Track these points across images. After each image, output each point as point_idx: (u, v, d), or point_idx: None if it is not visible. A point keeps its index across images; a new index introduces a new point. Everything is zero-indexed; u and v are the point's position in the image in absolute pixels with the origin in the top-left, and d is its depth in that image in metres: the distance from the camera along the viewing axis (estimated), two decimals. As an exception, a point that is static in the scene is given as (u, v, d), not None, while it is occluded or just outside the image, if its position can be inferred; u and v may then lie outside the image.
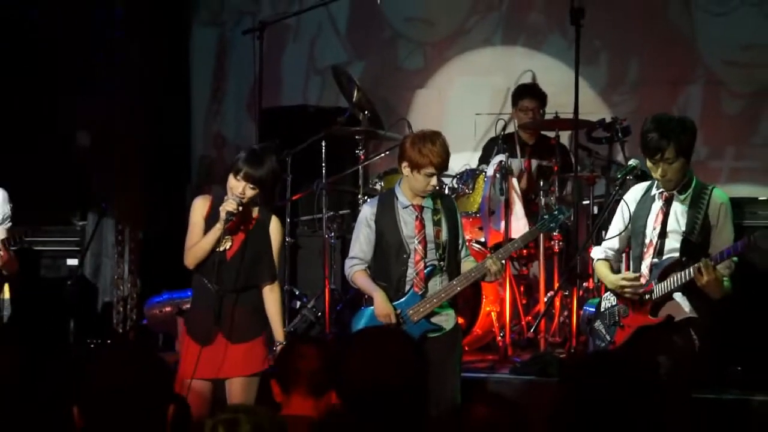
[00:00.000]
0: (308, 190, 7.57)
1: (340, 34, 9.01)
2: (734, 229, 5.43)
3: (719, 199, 5.35)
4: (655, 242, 5.37)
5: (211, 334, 5.28)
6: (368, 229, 5.58)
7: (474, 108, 8.41)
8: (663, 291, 5.28)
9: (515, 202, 7.03)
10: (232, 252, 5.34)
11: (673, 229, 5.35)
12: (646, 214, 5.43)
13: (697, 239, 5.30)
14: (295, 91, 9.00)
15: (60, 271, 7.56)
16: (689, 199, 5.35)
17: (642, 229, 5.43)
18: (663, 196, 5.37)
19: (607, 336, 5.51)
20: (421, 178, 5.41)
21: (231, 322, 5.33)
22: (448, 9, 8.78)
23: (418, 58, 8.88)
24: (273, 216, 5.47)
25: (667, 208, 5.37)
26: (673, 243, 5.34)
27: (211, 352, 5.29)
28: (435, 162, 5.37)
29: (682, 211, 5.34)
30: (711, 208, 5.31)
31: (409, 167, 5.43)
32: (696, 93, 8.21)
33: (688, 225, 5.32)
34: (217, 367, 5.30)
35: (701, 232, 5.30)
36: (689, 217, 5.32)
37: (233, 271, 5.34)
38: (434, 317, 5.52)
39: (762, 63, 8.11)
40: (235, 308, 5.34)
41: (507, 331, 6.85)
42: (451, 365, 5.55)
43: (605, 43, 8.34)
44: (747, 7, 8.09)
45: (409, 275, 5.52)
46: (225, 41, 9.19)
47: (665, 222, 5.37)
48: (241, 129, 8.97)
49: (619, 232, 5.51)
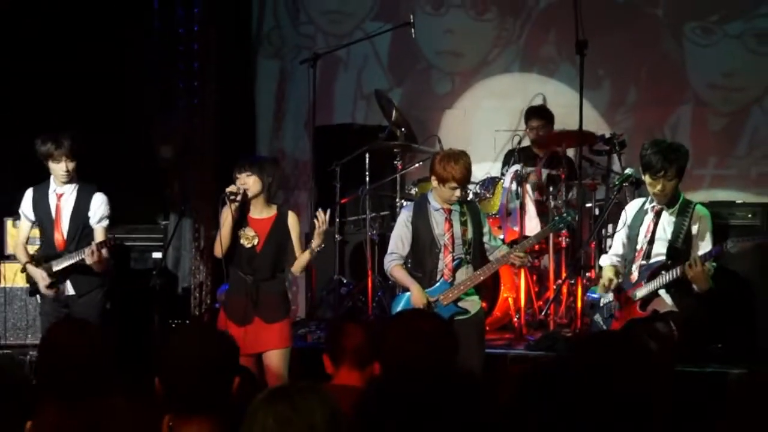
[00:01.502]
0: (354, 195, 7.60)
1: (383, 64, 9.02)
2: (715, 230, 5.49)
3: (701, 213, 5.44)
4: (644, 248, 5.44)
5: (249, 317, 5.37)
6: (406, 229, 5.61)
7: (494, 125, 8.36)
8: (652, 288, 5.36)
9: (529, 204, 7.09)
10: (259, 247, 5.43)
11: (660, 237, 5.42)
12: (640, 225, 5.49)
13: (681, 246, 5.37)
14: (345, 112, 8.98)
15: (147, 263, 7.61)
16: (676, 212, 5.42)
17: (635, 237, 5.50)
18: (654, 209, 5.45)
19: (603, 327, 5.60)
20: (447, 190, 5.46)
21: (264, 306, 5.42)
22: (474, 43, 8.78)
23: (447, 84, 8.85)
24: (290, 212, 5.57)
25: (657, 219, 5.44)
26: (660, 248, 5.41)
27: (251, 331, 5.36)
28: (457, 178, 5.41)
29: (669, 222, 5.42)
30: (694, 220, 5.40)
31: (437, 180, 5.48)
32: (685, 112, 8.22)
33: (673, 233, 5.39)
34: (256, 343, 5.36)
35: (684, 239, 5.38)
36: (675, 227, 5.39)
37: (263, 262, 5.44)
38: (461, 302, 5.54)
39: (741, 87, 8.15)
40: (267, 294, 5.44)
41: (522, 314, 6.90)
42: (476, 342, 5.55)
43: (608, 71, 8.32)
44: (728, 39, 8.11)
45: (440, 267, 5.54)
46: (285, 70, 9.16)
47: (654, 231, 5.43)
48: (298, 144, 8.97)
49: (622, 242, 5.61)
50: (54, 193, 6.07)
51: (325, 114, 8.58)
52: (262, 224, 5.48)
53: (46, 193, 6.09)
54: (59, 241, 6.05)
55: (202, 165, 8.30)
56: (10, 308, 7.19)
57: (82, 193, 6.08)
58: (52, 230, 6.07)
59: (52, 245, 6.06)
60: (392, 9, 8.74)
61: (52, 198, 6.08)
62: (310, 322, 7.29)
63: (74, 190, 6.07)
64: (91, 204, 6.06)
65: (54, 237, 6.06)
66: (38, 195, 6.11)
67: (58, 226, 6.06)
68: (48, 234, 6.10)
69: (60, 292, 6.03)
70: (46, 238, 6.12)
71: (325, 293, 7.67)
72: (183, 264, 8.31)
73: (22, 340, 7.12)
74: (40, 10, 8.02)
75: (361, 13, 9.00)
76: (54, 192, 6.07)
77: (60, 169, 5.94)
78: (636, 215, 5.55)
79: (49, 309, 6.07)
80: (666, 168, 5.28)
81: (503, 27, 8.68)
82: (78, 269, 5.97)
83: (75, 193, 6.07)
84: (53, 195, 6.07)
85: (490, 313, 6.85)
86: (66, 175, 5.97)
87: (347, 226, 7.83)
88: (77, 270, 5.97)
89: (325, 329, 6.66)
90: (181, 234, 8.21)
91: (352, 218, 7.85)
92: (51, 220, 6.07)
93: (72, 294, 6.02)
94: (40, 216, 6.11)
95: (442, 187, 5.47)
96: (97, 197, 6.08)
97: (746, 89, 8.13)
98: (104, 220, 6.07)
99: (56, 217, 6.07)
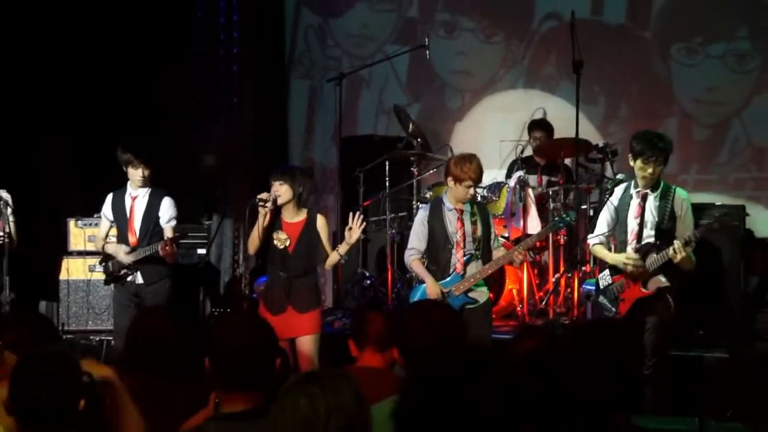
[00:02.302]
0: (375, 197, 7.68)
1: (402, 83, 9.03)
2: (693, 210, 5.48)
3: (681, 196, 5.41)
4: (636, 231, 5.39)
5: (284, 307, 5.44)
6: (423, 227, 5.62)
7: (500, 136, 8.36)
8: (655, 264, 5.27)
9: (531, 206, 7.14)
10: (292, 247, 5.48)
11: (649, 219, 5.38)
12: (627, 208, 5.44)
13: (667, 226, 5.34)
14: (367, 125, 9.00)
15: (193, 258, 7.67)
16: (659, 196, 5.37)
17: (625, 220, 5.43)
18: (639, 194, 5.40)
19: (612, 308, 5.49)
20: (462, 188, 5.47)
21: (298, 297, 5.48)
22: (483, 64, 8.79)
23: (458, 100, 8.88)
24: (318, 215, 5.58)
25: (643, 203, 5.39)
26: (650, 230, 5.37)
27: (286, 319, 5.38)
28: (472, 177, 5.45)
29: (654, 206, 5.37)
30: (675, 203, 5.36)
31: (453, 181, 5.48)
32: (672, 124, 8.18)
33: (659, 216, 5.35)
34: (290, 329, 5.38)
35: (669, 220, 5.34)
36: (660, 210, 5.35)
37: (295, 261, 5.49)
38: (471, 293, 5.55)
39: (722, 101, 8.17)
40: (300, 288, 5.49)
41: (525, 304, 6.96)
42: (484, 329, 5.59)
43: (602, 88, 8.37)
44: (711, 59, 8.12)
45: (452, 261, 5.55)
46: (315, 89, 9.19)
47: (643, 214, 5.38)
48: (326, 153, 9.01)
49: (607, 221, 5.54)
50: (129, 196, 6.18)
51: (350, 127, 8.64)
52: (293, 227, 5.50)
53: (122, 196, 6.21)
54: (132, 238, 6.16)
55: (240, 172, 8.33)
56: (72, 298, 7.34)
57: (154, 197, 6.19)
58: (127, 229, 6.19)
59: (126, 242, 6.19)
60: (410, 33, 8.80)
61: (128, 200, 6.19)
62: (336, 310, 7.35)
63: (147, 193, 6.18)
64: (161, 206, 6.17)
65: (128, 234, 6.17)
66: (116, 198, 6.24)
67: (131, 225, 6.17)
68: (123, 232, 6.21)
69: (131, 282, 6.15)
70: (121, 235, 6.22)
71: (350, 285, 7.74)
72: (224, 259, 8.35)
73: (83, 326, 7.28)
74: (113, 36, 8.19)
75: (382, 38, 9.05)
76: (129, 195, 6.18)
77: (137, 174, 6.08)
78: (621, 200, 5.49)
79: (122, 297, 6.20)
80: (657, 154, 5.28)
81: (509, 49, 8.71)
82: (147, 262, 6.09)
83: (147, 197, 6.18)
84: (128, 198, 6.19)
85: (496, 302, 6.88)
86: (142, 180, 6.11)
87: (369, 225, 7.78)
88: (147, 262, 6.09)
89: (350, 317, 6.74)
90: (223, 233, 8.25)
91: (374, 219, 7.87)
92: (126, 220, 6.18)
93: (141, 283, 6.13)
94: (117, 216, 6.22)
95: (458, 186, 5.47)
96: (167, 200, 6.19)
97: (727, 104, 8.15)
98: (172, 220, 6.18)
99: (130, 217, 6.17)
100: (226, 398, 2.70)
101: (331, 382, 2.22)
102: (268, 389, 2.61)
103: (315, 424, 2.16)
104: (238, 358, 2.71)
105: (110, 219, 6.30)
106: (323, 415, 2.17)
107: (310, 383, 2.22)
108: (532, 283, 7.14)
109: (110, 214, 6.28)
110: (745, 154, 8.13)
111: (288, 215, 5.52)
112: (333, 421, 2.17)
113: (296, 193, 5.45)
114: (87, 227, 7.37)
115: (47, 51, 7.91)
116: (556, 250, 7.23)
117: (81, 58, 8.07)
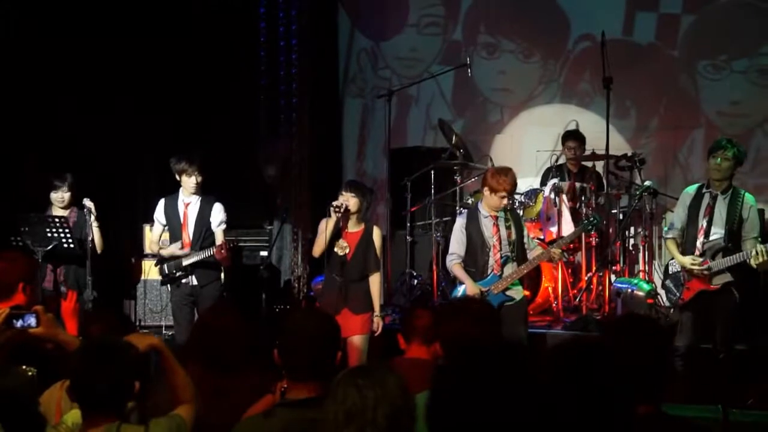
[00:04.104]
0: (421, 204, 7.67)
1: (447, 100, 9.02)
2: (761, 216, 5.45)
3: (750, 202, 5.34)
4: (705, 227, 5.32)
5: (339, 308, 5.42)
6: (461, 234, 5.65)
7: (536, 147, 8.38)
8: (720, 267, 5.26)
9: (564, 211, 7.14)
10: (349, 255, 5.51)
11: (718, 218, 5.31)
12: (699, 206, 5.38)
13: (736, 229, 5.27)
14: (416, 139, 9.01)
15: (255, 259, 7.70)
16: (729, 198, 5.32)
17: (695, 217, 5.38)
18: (711, 194, 5.35)
19: (677, 292, 5.45)
20: (497, 198, 5.51)
21: (352, 300, 5.51)
22: (522, 81, 8.76)
23: (498, 114, 8.87)
24: (375, 227, 5.63)
25: (713, 203, 5.33)
26: (718, 229, 5.30)
27: (339, 320, 5.26)
28: (506, 188, 5.49)
29: (723, 206, 5.31)
30: (744, 207, 5.30)
31: (489, 191, 5.53)
32: (699, 135, 8.14)
33: (728, 217, 5.27)
34: (344, 329, 5.19)
35: (738, 223, 5.27)
36: (729, 211, 5.28)
37: (351, 268, 5.52)
38: (508, 291, 5.56)
39: (746, 113, 8.07)
40: (354, 292, 5.52)
41: (559, 300, 6.96)
42: (520, 323, 5.63)
43: (633, 102, 8.32)
44: (735, 74, 8.04)
45: (490, 263, 5.59)
46: (367, 106, 9.22)
47: (712, 213, 5.32)
48: (377, 165, 9.02)
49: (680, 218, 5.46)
50: (182, 203, 6.16)
51: (400, 141, 8.69)
52: (353, 237, 5.53)
53: (175, 202, 6.18)
54: (185, 242, 6.13)
55: (299, 181, 8.35)
56: (148, 296, 7.44)
57: (205, 203, 6.17)
58: (180, 233, 6.15)
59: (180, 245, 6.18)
60: (455, 55, 8.77)
61: (180, 206, 6.16)
62: (387, 307, 7.20)
63: (198, 200, 6.16)
64: (213, 212, 6.15)
65: (181, 238, 6.15)
66: (169, 203, 6.21)
67: (184, 229, 6.14)
68: (176, 236, 6.17)
69: (186, 283, 6.13)
70: (174, 239, 6.18)
71: (398, 284, 7.73)
72: (284, 260, 8.36)
73: (158, 321, 7.36)
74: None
75: (428, 59, 9.04)
76: (182, 201, 6.16)
77: (190, 182, 6.07)
78: (695, 199, 5.41)
79: (178, 297, 6.18)
80: (727, 147, 5.26)
81: (546, 68, 8.68)
82: (201, 265, 6.09)
83: (199, 203, 6.16)
84: (181, 204, 6.16)
85: (533, 299, 6.94)
86: (195, 188, 6.10)
87: (416, 229, 7.86)
88: (200, 265, 6.09)
89: (399, 313, 6.81)
90: (283, 236, 8.27)
91: (420, 223, 7.86)
92: (179, 225, 6.15)
93: (196, 284, 6.11)
94: (170, 221, 6.19)
95: (493, 196, 5.51)
96: (217, 206, 6.18)
97: (750, 115, 8.05)
98: (222, 224, 6.19)
99: (183, 222, 6.14)
100: (292, 387, 2.73)
101: (377, 374, 2.27)
102: (328, 380, 2.57)
103: (364, 411, 2.19)
104: (306, 350, 2.74)
105: (162, 223, 6.26)
106: (371, 404, 2.20)
107: (359, 376, 2.26)
108: (566, 282, 7.15)
109: (163, 218, 6.26)
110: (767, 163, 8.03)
111: (350, 225, 5.56)
112: (380, 409, 2.20)
113: (362, 206, 5.52)
114: (161, 232, 7.40)
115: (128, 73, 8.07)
116: (589, 251, 7.23)
117: (160, 80, 8.22)
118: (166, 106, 8.20)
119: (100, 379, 2.60)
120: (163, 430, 2.71)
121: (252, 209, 8.23)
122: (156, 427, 2.69)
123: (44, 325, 2.97)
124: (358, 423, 2.18)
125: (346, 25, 9.34)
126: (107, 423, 2.62)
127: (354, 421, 2.19)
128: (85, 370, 2.62)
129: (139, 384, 2.66)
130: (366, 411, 2.19)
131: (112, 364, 2.62)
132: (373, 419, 2.19)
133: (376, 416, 2.19)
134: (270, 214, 8.39)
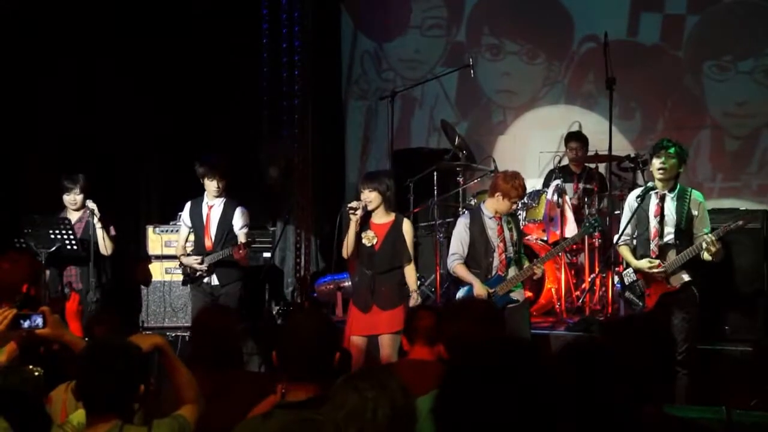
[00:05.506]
0: (424, 205, 7.65)
1: (451, 101, 9.06)
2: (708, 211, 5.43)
3: (698, 198, 5.35)
4: (657, 228, 5.32)
5: (369, 304, 5.43)
6: (465, 234, 5.65)
7: (539, 148, 8.41)
8: (674, 265, 5.26)
9: (568, 212, 7.15)
10: (378, 246, 5.50)
11: (668, 219, 5.33)
12: (647, 208, 5.39)
13: (685, 226, 5.29)
14: (420, 141, 9.04)
15: (259, 261, 7.65)
16: (676, 197, 5.32)
17: (646, 219, 5.38)
18: (658, 195, 5.36)
19: (639, 303, 5.46)
20: (508, 203, 5.57)
21: (381, 295, 5.45)
22: (526, 83, 8.79)
23: (501, 115, 8.91)
24: (405, 219, 5.63)
25: (662, 203, 5.34)
26: (669, 228, 5.32)
27: (368, 316, 5.42)
28: (520, 194, 5.60)
29: (672, 206, 5.32)
30: (692, 204, 5.30)
31: (501, 195, 5.56)
32: (705, 136, 8.18)
33: (677, 216, 5.29)
34: (372, 327, 5.41)
35: (687, 221, 5.29)
36: (678, 210, 5.29)
37: (380, 258, 5.49)
38: (512, 293, 5.61)
39: (751, 114, 8.08)
40: (383, 285, 5.46)
41: (563, 301, 6.94)
42: (524, 324, 5.68)
43: (639, 103, 8.35)
44: (740, 75, 8.07)
45: (495, 264, 5.61)
46: (370, 108, 9.24)
47: (662, 213, 5.33)
48: (380, 166, 8.89)
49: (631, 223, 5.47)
50: (206, 205, 6.29)
51: (404, 142, 8.72)
52: (381, 228, 5.53)
53: (200, 205, 6.32)
54: (208, 243, 6.27)
55: (301, 183, 8.38)
56: (151, 298, 7.43)
57: (228, 206, 6.28)
58: (203, 234, 6.28)
59: (202, 246, 6.30)
60: (458, 57, 8.80)
61: (204, 209, 6.29)
62: None
63: (222, 203, 6.27)
64: (235, 215, 6.26)
65: (204, 239, 6.28)
66: (194, 206, 6.34)
67: (207, 231, 6.27)
68: (200, 237, 6.31)
69: (207, 283, 6.25)
70: (198, 240, 6.33)
71: None
72: (287, 262, 8.40)
73: (161, 323, 7.37)
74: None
75: (432, 61, 9.08)
76: (206, 204, 6.29)
77: (213, 186, 6.18)
78: (642, 200, 5.41)
79: (199, 296, 6.29)
80: (669, 146, 5.26)
81: (550, 69, 8.72)
82: (222, 265, 6.19)
83: (222, 206, 6.27)
84: (205, 206, 6.29)
85: (536, 300, 6.90)
86: (217, 191, 6.20)
87: (419, 230, 7.75)
88: (222, 266, 6.20)
89: None
90: (286, 238, 8.30)
91: (423, 224, 7.86)
92: (202, 227, 6.28)
93: (216, 284, 6.23)
94: (194, 223, 6.31)
95: (505, 200, 5.54)
96: (240, 209, 6.29)
97: (756, 116, 8.07)
98: (245, 227, 6.29)
99: (206, 224, 6.27)
100: (291, 388, 2.74)
101: (377, 377, 2.28)
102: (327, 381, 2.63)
103: (363, 413, 2.20)
104: (303, 352, 2.75)
105: (189, 225, 6.38)
106: (371, 405, 2.21)
107: (358, 379, 2.28)
108: (569, 283, 7.14)
109: (188, 220, 6.38)
110: (774, 163, 8.07)
111: (377, 217, 5.56)
112: (380, 410, 2.21)
113: (384, 195, 5.48)
114: (164, 233, 7.42)
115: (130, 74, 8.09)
116: (592, 252, 7.22)
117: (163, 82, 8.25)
118: (169, 107, 8.24)
119: (104, 379, 2.63)
120: (166, 430, 2.73)
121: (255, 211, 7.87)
122: (159, 427, 2.72)
123: (51, 326, 3.01)
124: (358, 423, 2.19)
125: (349, 27, 9.39)
126: (110, 423, 2.64)
127: (354, 422, 2.19)
128: (90, 371, 2.65)
129: (143, 387, 2.69)
130: (366, 411, 2.20)
131: (116, 366, 2.64)
132: (374, 420, 2.19)
133: (376, 417, 2.19)
134: (273, 215, 8.40)
